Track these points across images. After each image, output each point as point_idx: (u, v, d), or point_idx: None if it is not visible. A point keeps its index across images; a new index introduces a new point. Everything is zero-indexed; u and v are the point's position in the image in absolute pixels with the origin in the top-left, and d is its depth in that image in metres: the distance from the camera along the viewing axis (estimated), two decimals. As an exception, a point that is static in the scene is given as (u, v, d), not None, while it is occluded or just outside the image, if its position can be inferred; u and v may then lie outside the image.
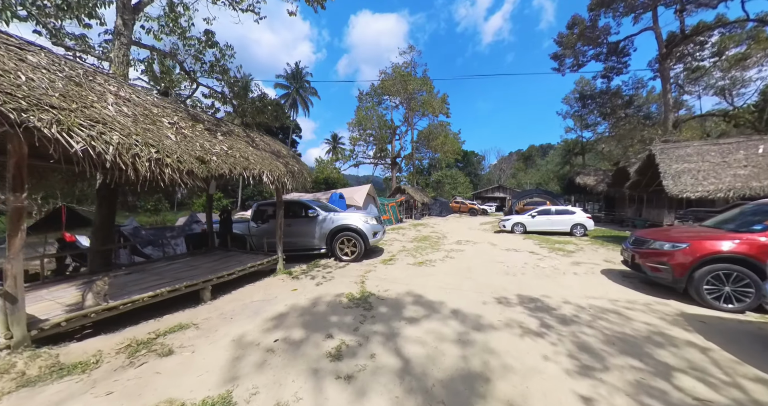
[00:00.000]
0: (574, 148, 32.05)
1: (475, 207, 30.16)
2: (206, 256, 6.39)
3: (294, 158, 6.58)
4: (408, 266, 6.55)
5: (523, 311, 3.90)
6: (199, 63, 9.45)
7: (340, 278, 5.63)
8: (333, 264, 6.86)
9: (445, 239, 11.29)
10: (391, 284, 5.22)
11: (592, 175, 20.85)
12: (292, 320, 3.72)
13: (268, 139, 6.76)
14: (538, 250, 8.58)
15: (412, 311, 3.94)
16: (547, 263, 6.79)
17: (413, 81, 23.10)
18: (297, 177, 5.94)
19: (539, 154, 69.71)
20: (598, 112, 25.01)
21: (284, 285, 5.28)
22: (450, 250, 8.54)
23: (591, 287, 5.01)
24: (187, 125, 4.46)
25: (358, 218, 7.07)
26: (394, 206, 19.37)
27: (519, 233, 13.11)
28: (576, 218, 12.35)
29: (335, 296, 4.62)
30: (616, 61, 21.11)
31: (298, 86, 46.21)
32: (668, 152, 9.55)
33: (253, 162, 4.91)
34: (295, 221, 7.43)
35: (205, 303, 4.44)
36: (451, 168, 42.22)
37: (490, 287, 5.02)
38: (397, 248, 8.86)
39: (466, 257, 7.57)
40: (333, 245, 7.06)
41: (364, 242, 6.93)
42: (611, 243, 9.91)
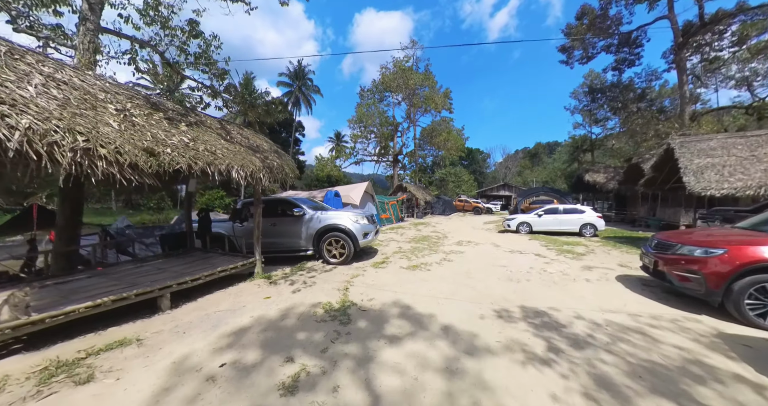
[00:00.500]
0: (582, 145, 30.92)
1: (480, 206, 29.40)
2: (181, 258, 5.90)
3: (276, 153, 6.04)
4: (400, 270, 5.97)
5: (526, 328, 3.29)
6: (184, 54, 8.96)
7: (323, 284, 5.07)
8: (319, 267, 6.32)
9: (446, 239, 10.67)
10: (377, 291, 4.64)
11: (602, 172, 19.92)
12: (251, 337, 3.17)
13: (248, 133, 6.23)
14: (545, 252, 7.90)
15: (396, 327, 3.36)
16: (555, 267, 6.14)
17: (414, 76, 22.35)
18: (276, 173, 5.40)
19: (546, 151, 68.28)
20: (609, 106, 23.91)
21: (258, 292, 4.74)
22: (449, 252, 7.92)
23: (606, 297, 4.36)
24: (142, 113, 3.93)
25: (346, 218, 6.51)
26: (394, 205, 18.77)
27: (524, 232, 12.41)
28: (585, 217, 11.60)
29: (311, 306, 4.06)
30: (628, 52, 20.08)
31: (301, 84, 45.96)
32: (689, 146, 8.76)
33: (220, 156, 4.37)
34: (280, 221, 6.91)
35: (162, 313, 3.94)
36: (456, 166, 41.39)
37: (489, 296, 4.41)
38: (393, 249, 8.28)
39: (465, 259, 6.95)
40: (320, 246, 6.52)
41: (354, 243, 6.36)
42: (624, 244, 9.17)
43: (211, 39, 9.12)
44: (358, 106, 25.31)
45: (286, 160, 6.13)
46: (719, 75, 21.02)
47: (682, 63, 17.08)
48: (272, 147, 6.27)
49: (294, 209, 6.65)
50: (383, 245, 9.03)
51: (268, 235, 6.93)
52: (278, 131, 48.40)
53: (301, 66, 45.80)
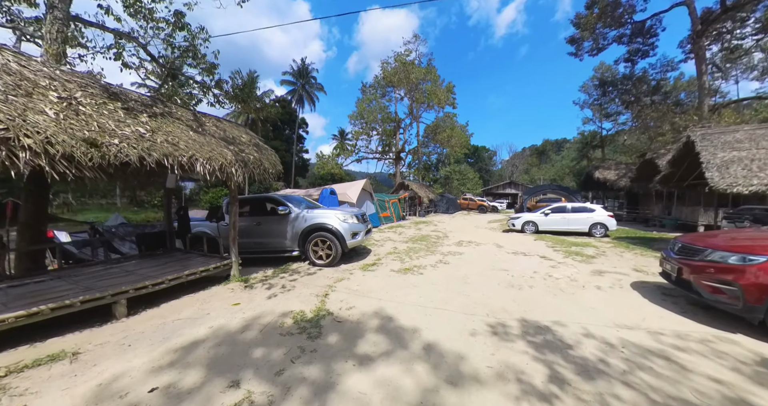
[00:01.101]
0: (592, 141, 29.75)
1: (485, 204, 28.67)
2: (156, 259, 5.53)
3: (255, 147, 5.60)
4: (391, 273, 5.47)
5: (525, 349, 2.77)
6: (170, 48, 8.57)
7: (302, 289, 4.62)
8: (304, 269, 5.88)
9: (446, 238, 10.12)
10: (360, 298, 4.17)
11: (613, 169, 19.01)
12: (201, 353, 2.73)
13: (226, 125, 5.80)
14: (552, 254, 7.30)
15: (371, 344, 2.88)
16: (562, 272, 5.56)
17: (416, 70, 21.63)
18: (253, 167, 4.95)
19: (554, 149, 66.64)
20: (620, 100, 22.76)
21: (230, 297, 4.31)
22: (447, 253, 7.39)
23: (621, 309, 3.79)
24: (93, 102, 3.52)
25: (333, 216, 6.04)
26: (396, 203, 18.25)
27: (530, 232, 11.76)
28: (595, 216, 10.90)
29: (281, 315, 3.61)
30: (641, 42, 19.02)
31: (304, 82, 45.84)
32: (711, 138, 7.99)
33: (183, 148, 3.93)
34: (265, 220, 6.49)
35: (116, 321, 3.54)
36: (461, 163, 40.53)
37: (485, 305, 3.89)
38: (387, 250, 7.78)
39: (463, 262, 6.42)
40: (306, 246, 6.07)
41: (341, 243, 5.89)
42: (638, 246, 8.49)
43: (197, 31, 8.72)
44: (358, 101, 24.76)
45: (268, 154, 5.69)
46: (740, 65, 19.81)
47: (701, 52, 16.05)
48: (253, 140, 5.83)
49: (279, 207, 6.21)
50: (378, 245, 8.55)
51: (253, 235, 6.54)
52: (282, 129, 48.34)
53: (304, 64, 45.62)
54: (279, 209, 6.16)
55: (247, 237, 6.59)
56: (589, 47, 20.28)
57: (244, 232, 6.58)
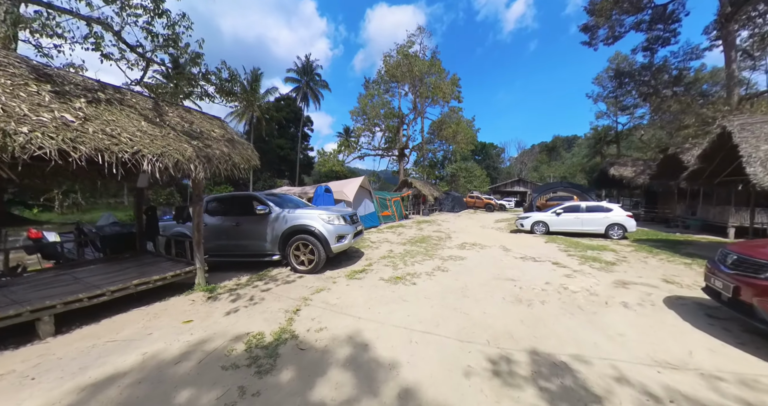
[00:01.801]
0: (605, 137, 28.26)
1: (492, 202, 27.66)
2: (118, 263, 4.98)
3: (228, 141, 4.97)
4: (379, 282, 4.79)
5: (536, 402, 2.05)
6: (150, 36, 8.01)
7: (272, 302, 3.98)
8: (283, 276, 5.25)
9: (449, 240, 9.38)
10: (336, 316, 3.50)
11: (630, 165, 17.82)
12: (112, 394, 2.12)
13: (196, 117, 5.20)
14: (565, 259, 6.49)
15: (332, 387, 2.21)
16: (579, 282, 4.77)
17: (419, 62, 20.71)
18: (219, 163, 4.32)
19: (564, 146, 64.65)
20: (637, 92, 21.32)
21: (186, 311, 3.71)
22: (447, 257, 6.66)
23: (658, 336, 3.02)
24: (7, 83, 2.92)
25: (317, 217, 5.38)
26: (398, 201, 17.51)
27: (540, 233, 10.90)
28: (613, 216, 9.97)
29: (234, 338, 2.97)
30: (662, 29, 17.66)
31: (309, 79, 45.48)
32: (752, 129, 6.99)
33: (125, 141, 3.31)
34: (243, 220, 5.88)
35: (40, 341, 2.96)
36: (467, 161, 39.46)
37: (487, 329, 3.17)
38: (381, 253, 7.10)
39: (465, 268, 5.68)
40: (286, 250, 5.44)
41: (324, 248, 5.24)
42: (663, 250, 7.59)
43: (178, 19, 8.12)
44: (360, 96, 23.99)
45: (241, 149, 5.05)
46: (772, 53, 18.23)
47: (730, 37, 14.72)
48: (227, 135, 5.19)
49: (257, 206, 5.58)
50: (372, 248, 7.86)
51: (231, 236, 5.95)
52: (287, 127, 48.13)
53: (308, 61, 45.20)
54: (257, 209, 5.53)
55: (225, 239, 6.02)
56: (605, 35, 19.02)
57: (222, 233, 6.02)
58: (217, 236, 6.06)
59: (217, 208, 6.33)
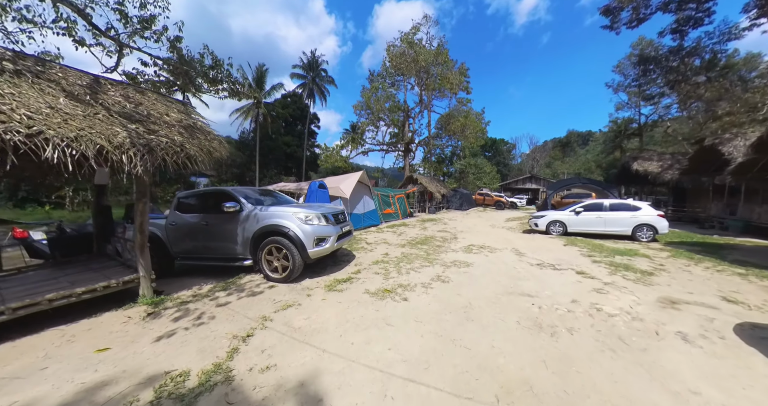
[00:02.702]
0: (626, 129, 26.36)
1: (502, 200, 26.38)
2: (60, 269, 4.30)
3: (187, 128, 4.17)
4: (363, 297, 3.92)
5: None
6: (124, 19, 7.30)
7: (222, 323, 3.17)
8: (252, 286, 4.46)
9: (454, 241, 8.44)
10: (295, 347, 2.66)
11: (656, 160, 16.31)
12: None
13: (148, 98, 4.41)
14: (591, 267, 5.47)
15: None
16: (615, 301, 3.78)
17: (425, 51, 19.48)
18: (165, 154, 3.51)
19: (579, 141, 62.03)
20: (664, 80, 19.51)
21: (113, 333, 2.94)
22: (450, 263, 5.73)
23: (750, 395, 2.05)
24: None
25: (292, 216, 4.54)
26: (402, 198, 16.57)
27: (556, 234, 9.81)
28: (641, 215, 8.79)
29: (146, 380, 2.17)
30: (694, 8, 15.94)
31: (315, 75, 44.95)
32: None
33: (19, 119, 2.53)
34: (213, 219, 5.10)
35: None
36: (477, 157, 37.98)
37: (496, 375, 2.27)
38: (375, 257, 6.23)
39: (470, 279, 4.75)
40: (258, 255, 4.63)
41: (300, 252, 4.40)
42: (705, 256, 6.45)
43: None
44: (363, 90, 22.93)
45: (202, 139, 4.24)
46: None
47: (776, 15, 13.06)
48: (187, 120, 4.39)
49: (225, 203, 4.78)
50: (366, 250, 7.00)
51: (199, 237, 5.21)
52: (294, 124, 47.80)
53: (314, 56, 44.63)
54: (225, 206, 4.73)
55: (195, 240, 5.28)
56: (628, 18, 17.36)
57: (192, 234, 5.29)
58: (187, 237, 5.33)
59: (190, 205, 5.58)
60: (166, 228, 5.54)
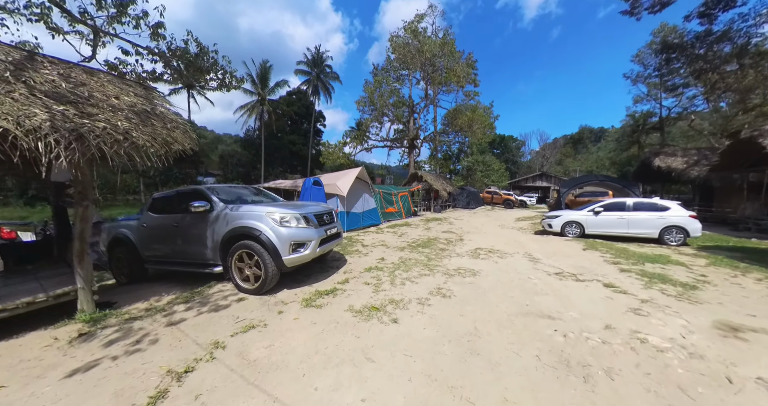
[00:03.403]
0: (645, 123, 24.81)
1: (512, 198, 25.33)
2: (6, 277, 3.73)
3: (140, 114, 3.55)
4: (344, 316, 3.23)
5: None
6: (97, 3, 6.74)
7: (161, 351, 2.54)
8: (220, 297, 3.84)
9: (460, 244, 7.69)
10: (238, 392, 1.99)
11: (680, 155, 15.12)
12: None
13: (98, 79, 3.80)
14: (620, 278, 4.65)
15: None
16: (660, 328, 2.99)
17: (429, 42, 18.51)
18: (104, 142, 2.87)
19: (592, 138, 59.89)
20: (688, 69, 18.00)
21: (25, 362, 2.33)
22: (454, 271, 4.99)
23: None
24: None
25: (265, 216, 3.88)
26: (405, 196, 15.83)
27: (573, 236, 8.94)
28: (670, 216, 7.85)
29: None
30: (727, -10, 14.59)
31: (319, 71, 44.44)
32: None
33: None
34: (183, 219, 4.50)
35: None
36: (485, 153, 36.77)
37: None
38: (368, 262, 5.53)
39: (476, 292, 4.01)
40: (228, 261, 4.00)
41: (274, 259, 3.75)
42: (753, 265, 5.55)
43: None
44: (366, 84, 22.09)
45: (159, 127, 3.61)
46: None
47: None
48: (142, 105, 3.76)
49: (193, 202, 4.16)
50: (360, 254, 6.32)
51: (168, 240, 4.63)
52: (299, 122, 47.58)
53: (319, 52, 44.09)
54: (192, 206, 4.11)
55: (163, 243, 4.73)
56: (650, 2, 16.10)
57: (160, 236, 4.73)
58: (157, 240, 4.77)
59: (163, 205, 4.99)
60: (138, 230, 4.99)
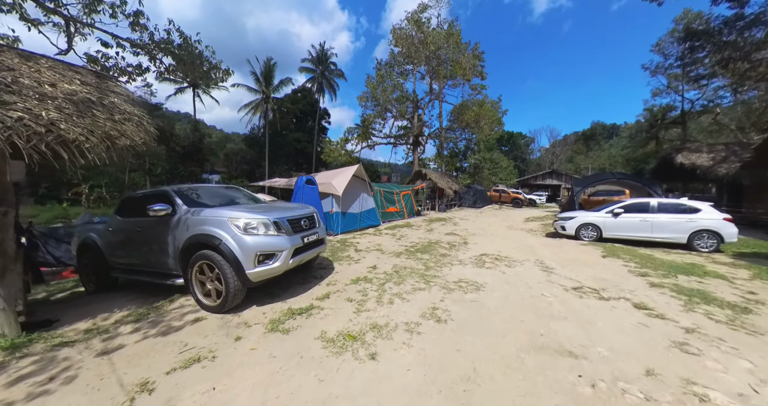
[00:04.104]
0: (664, 118, 23.36)
1: (520, 197, 24.38)
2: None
3: (74, 102, 3.01)
4: (312, 347, 2.63)
5: None
6: None
7: (74, 394, 1.98)
8: (177, 315, 3.30)
9: (463, 248, 7.02)
10: None
11: (705, 152, 14.01)
12: None
13: (34, 66, 3.26)
14: (650, 294, 3.92)
15: None
16: (720, 375, 2.28)
17: (434, 33, 17.59)
18: (19, 136, 2.34)
19: (605, 134, 57.81)
20: (715, 58, 16.64)
21: None
22: (454, 284, 4.34)
23: None
24: None
25: (227, 222, 3.30)
26: (408, 195, 15.16)
27: (589, 240, 8.16)
28: (701, 219, 7.00)
29: None
30: (760, -30, 13.32)
31: (324, 69, 44.02)
32: None
33: None
34: (147, 223, 3.97)
35: None
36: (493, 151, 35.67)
37: None
38: (357, 272, 4.92)
39: (478, 314, 3.35)
40: (188, 273, 3.45)
41: (237, 274, 3.17)
42: (810, 277, 4.71)
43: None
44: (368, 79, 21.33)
45: (103, 118, 3.07)
46: None
47: None
48: (85, 95, 3.22)
49: (153, 205, 3.61)
50: (351, 261, 5.71)
51: (133, 246, 4.13)
52: (304, 120, 47.32)
53: (323, 49, 43.61)
54: (151, 209, 3.56)
55: (126, 249, 4.25)
56: (675, -13, 14.86)
57: (124, 241, 4.25)
58: (121, 245, 4.29)
59: (131, 208, 4.48)
60: (105, 234, 4.50)
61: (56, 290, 5.38)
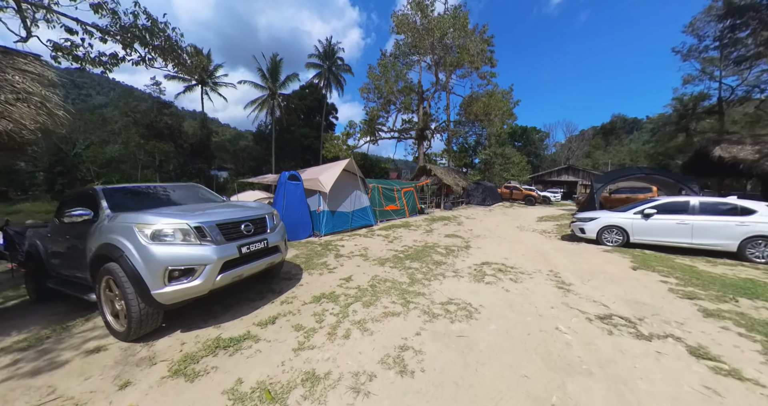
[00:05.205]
0: (695, 108, 21.16)
1: (533, 194, 22.97)
2: None
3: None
4: (215, 405, 1.81)
5: None
6: None
7: None
8: (80, 340, 2.61)
9: (463, 253, 6.09)
10: None
11: (749, 144, 12.33)
12: None
13: None
14: (707, 330, 2.89)
15: None
16: None
17: (438, 18, 16.21)
18: None
19: (625, 128, 54.49)
20: (761, 38, 14.38)
21: None
22: (440, 308, 3.43)
23: None
24: None
25: (134, 228, 2.52)
26: (410, 192, 14.19)
27: (612, 245, 7.02)
28: (755, 223, 5.75)
29: None
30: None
31: (331, 64, 43.42)
32: None
33: None
34: (72, 229, 3.27)
35: None
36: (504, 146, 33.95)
37: None
38: (324, 286, 4.07)
39: (464, 363, 2.44)
40: (96, 289, 2.71)
41: (140, 294, 2.39)
42: None
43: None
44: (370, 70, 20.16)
45: None
46: None
47: None
48: None
49: (72, 209, 2.89)
50: (326, 269, 4.86)
51: (60, 256, 3.51)
52: (312, 116, 46.97)
53: (330, 44, 42.92)
54: (66, 214, 2.85)
55: (55, 257, 3.62)
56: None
57: (55, 249, 3.65)
58: (53, 254, 3.67)
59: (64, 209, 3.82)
60: (45, 239, 3.86)
61: (18, 296, 4.74)
